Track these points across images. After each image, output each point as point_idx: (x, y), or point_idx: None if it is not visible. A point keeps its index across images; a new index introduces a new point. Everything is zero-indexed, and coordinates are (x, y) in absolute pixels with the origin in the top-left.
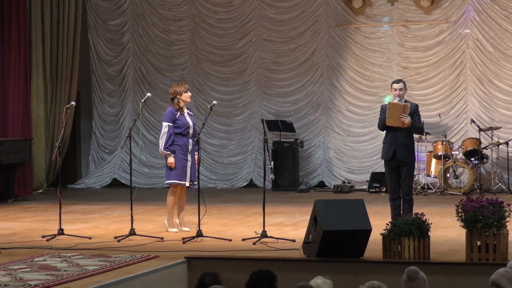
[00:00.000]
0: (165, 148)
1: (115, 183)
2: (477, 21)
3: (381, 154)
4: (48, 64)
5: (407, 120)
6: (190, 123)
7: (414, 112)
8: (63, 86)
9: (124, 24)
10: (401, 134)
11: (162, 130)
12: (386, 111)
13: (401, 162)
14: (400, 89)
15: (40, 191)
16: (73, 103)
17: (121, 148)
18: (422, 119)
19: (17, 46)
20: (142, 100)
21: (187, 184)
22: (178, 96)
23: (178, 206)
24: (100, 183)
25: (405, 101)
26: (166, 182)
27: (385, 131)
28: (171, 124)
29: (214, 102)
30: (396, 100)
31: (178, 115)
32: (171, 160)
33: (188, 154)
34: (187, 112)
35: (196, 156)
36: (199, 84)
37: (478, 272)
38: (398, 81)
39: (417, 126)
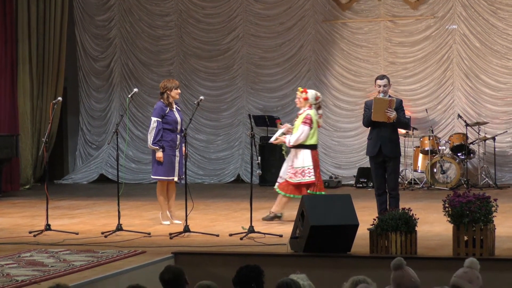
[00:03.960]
0: (154, 143)
1: (102, 179)
2: (464, 17)
3: (366, 150)
4: (35, 60)
5: (393, 115)
6: (179, 119)
7: (399, 107)
8: (50, 82)
9: (111, 19)
10: (386, 130)
11: (151, 126)
12: (372, 107)
13: (387, 158)
14: (384, 85)
15: (27, 186)
16: (59, 98)
17: (108, 144)
18: (409, 114)
19: (3, 42)
20: (129, 96)
21: (175, 179)
22: (168, 92)
23: (168, 200)
24: (87, 178)
25: (389, 96)
26: (152, 177)
27: (369, 128)
28: (160, 120)
29: (201, 97)
30: (381, 96)
31: (167, 110)
32: (159, 154)
33: (176, 150)
34: (175, 107)
35: (184, 149)
36: (186, 79)
37: None
38: (382, 77)
39: (403, 121)
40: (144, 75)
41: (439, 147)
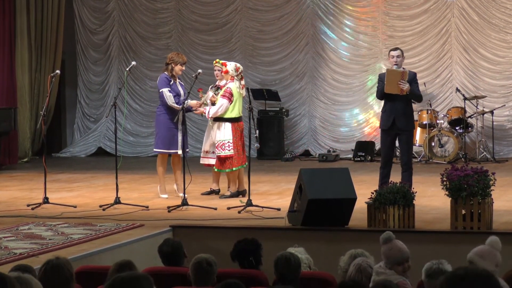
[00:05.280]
0: (180, 103)
1: (100, 152)
2: None
3: (379, 123)
4: (33, 32)
5: (405, 86)
6: (182, 92)
7: (413, 80)
8: (48, 55)
9: None
10: (400, 103)
11: (165, 95)
12: (385, 79)
13: (400, 131)
14: (397, 56)
15: (25, 159)
16: (57, 71)
17: (106, 117)
18: None
19: (1, 15)
20: (127, 69)
21: (179, 152)
22: (173, 65)
23: (174, 173)
24: (85, 151)
25: (403, 68)
26: (154, 150)
27: (383, 100)
28: (169, 88)
29: (200, 70)
30: (394, 67)
31: (171, 82)
32: (193, 102)
33: (179, 123)
34: (179, 82)
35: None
36: (184, 52)
37: (463, 240)
38: (395, 49)
39: (416, 94)
40: (142, 48)
41: (437, 121)
